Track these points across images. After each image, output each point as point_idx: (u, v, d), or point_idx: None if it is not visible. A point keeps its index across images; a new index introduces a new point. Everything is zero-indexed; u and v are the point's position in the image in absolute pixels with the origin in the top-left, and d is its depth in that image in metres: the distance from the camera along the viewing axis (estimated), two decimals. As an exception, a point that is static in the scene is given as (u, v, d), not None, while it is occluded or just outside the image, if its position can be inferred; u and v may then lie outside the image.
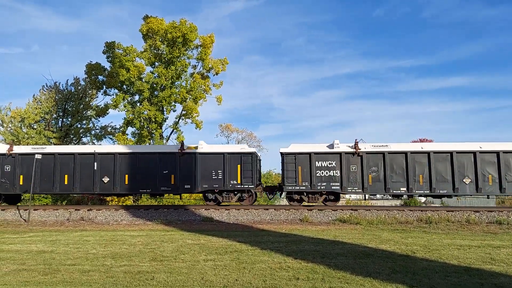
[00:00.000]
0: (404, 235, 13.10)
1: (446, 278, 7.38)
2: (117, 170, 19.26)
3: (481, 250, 10.24)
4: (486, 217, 16.66)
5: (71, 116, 32.08)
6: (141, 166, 19.28)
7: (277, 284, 7.03)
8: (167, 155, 19.34)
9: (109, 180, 19.24)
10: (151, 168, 19.23)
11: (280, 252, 9.91)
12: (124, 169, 19.32)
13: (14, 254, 10.05)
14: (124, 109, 31.47)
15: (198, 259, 9.19)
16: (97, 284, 7.19)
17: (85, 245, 11.30)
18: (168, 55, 31.65)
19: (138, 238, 12.33)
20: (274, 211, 18.03)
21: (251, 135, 47.03)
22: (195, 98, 32.49)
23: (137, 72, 31.13)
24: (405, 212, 17.36)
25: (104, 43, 32.19)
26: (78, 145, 30.95)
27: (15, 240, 12.45)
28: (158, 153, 19.47)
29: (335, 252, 9.90)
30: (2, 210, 18.70)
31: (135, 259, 9.27)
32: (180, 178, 19.08)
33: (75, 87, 32.59)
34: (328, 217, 17.35)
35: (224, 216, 17.81)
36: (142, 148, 20.18)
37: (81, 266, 8.63)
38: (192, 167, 19.07)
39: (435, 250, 10.20)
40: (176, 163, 19.15)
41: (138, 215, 18.09)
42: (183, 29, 30.90)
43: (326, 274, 7.70)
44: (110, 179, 19.25)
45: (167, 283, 7.21)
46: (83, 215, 18.10)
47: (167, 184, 19.17)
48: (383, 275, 7.53)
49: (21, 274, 7.99)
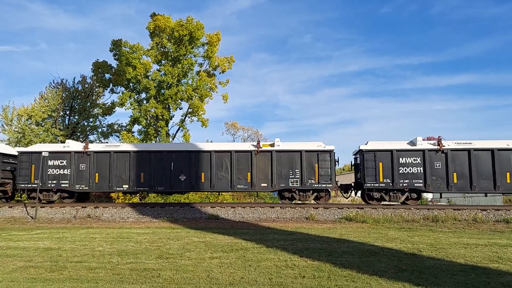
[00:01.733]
0: (410, 233, 13.03)
1: (452, 276, 7.33)
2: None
3: (488, 248, 10.14)
4: (493, 216, 16.51)
5: (78, 114, 32.30)
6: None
7: (282, 282, 7.02)
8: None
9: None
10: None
11: (286, 250, 9.90)
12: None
13: (22, 251, 10.14)
14: (131, 107, 31.62)
15: (204, 256, 9.20)
16: (104, 281, 7.23)
17: (91, 242, 11.36)
18: (174, 53, 31.71)
19: (144, 236, 12.39)
20: (280, 209, 18.02)
21: (257, 133, 47.16)
22: (201, 96, 32.54)
23: (143, 70, 31.23)
24: (411, 211, 17.26)
25: (111, 41, 32.34)
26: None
27: (22, 237, 12.57)
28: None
29: (341, 250, 9.87)
30: (9, 207, 18.89)
31: (141, 256, 9.31)
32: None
33: (82, 85, 32.80)
34: (334, 215, 17.31)
35: (230, 214, 17.83)
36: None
37: (88, 263, 8.68)
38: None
39: (442, 248, 10.13)
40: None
41: (144, 213, 18.18)
42: (189, 27, 30.93)
43: (332, 272, 7.67)
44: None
45: (173, 280, 7.23)
46: (90, 212, 18.23)
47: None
48: (389, 274, 7.49)
49: (28, 271, 8.06)
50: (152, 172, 19.28)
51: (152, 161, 19.34)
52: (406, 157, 18.23)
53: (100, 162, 19.50)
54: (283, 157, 18.82)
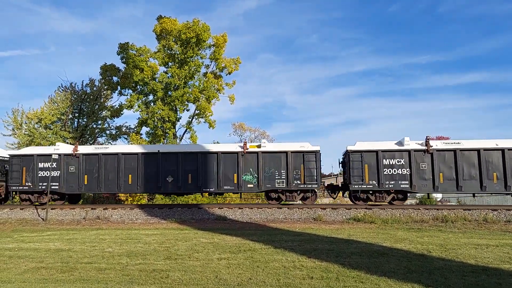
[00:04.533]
0: (419, 234, 12.93)
1: (463, 278, 7.26)
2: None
3: (499, 249, 10.03)
4: (504, 216, 16.30)
5: (87, 117, 32.63)
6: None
7: (291, 283, 7.02)
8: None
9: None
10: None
11: (294, 251, 9.89)
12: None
13: (33, 252, 10.27)
14: (138, 109, 31.85)
15: (212, 257, 9.23)
16: (113, 282, 7.29)
17: (101, 243, 11.46)
18: (181, 55, 31.88)
19: (152, 237, 12.46)
20: (287, 210, 17.99)
21: (264, 134, 47.11)
22: (208, 98, 32.65)
23: (150, 73, 31.45)
24: (420, 211, 17.11)
25: (118, 44, 32.64)
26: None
27: (33, 239, 12.73)
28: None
29: (349, 251, 9.83)
30: (21, 209, 19.13)
31: (150, 257, 9.37)
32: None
33: (91, 88, 33.14)
34: (342, 216, 17.23)
35: (238, 215, 17.85)
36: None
37: (98, 264, 8.76)
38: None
39: (452, 249, 10.03)
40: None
41: (153, 214, 18.28)
42: (196, 29, 31.07)
43: (340, 273, 7.65)
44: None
45: (182, 281, 7.27)
46: (99, 214, 18.38)
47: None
48: (398, 275, 7.45)
49: (40, 272, 8.17)
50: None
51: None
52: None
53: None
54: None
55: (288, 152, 18.69)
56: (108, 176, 19.54)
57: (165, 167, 19.40)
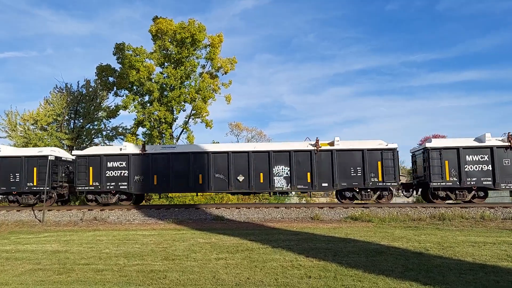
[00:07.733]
0: (417, 232, 12.96)
1: (461, 275, 7.28)
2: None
3: (496, 247, 10.07)
4: (501, 213, 16.38)
5: (83, 118, 32.48)
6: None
7: (289, 283, 7.01)
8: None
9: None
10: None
11: (292, 250, 9.89)
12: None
13: (30, 254, 10.22)
14: (135, 110, 31.73)
15: (210, 257, 9.21)
16: (111, 283, 7.26)
17: (98, 244, 11.42)
18: (177, 56, 31.79)
19: (150, 238, 12.43)
20: (284, 209, 18.00)
21: (261, 134, 47.17)
22: (204, 98, 32.56)
23: (146, 73, 31.34)
24: (417, 209, 17.17)
25: (114, 44, 32.50)
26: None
27: (30, 240, 12.66)
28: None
29: (347, 250, 9.84)
30: (17, 211, 19.02)
31: (147, 258, 9.34)
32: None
33: (86, 88, 32.99)
34: (339, 214, 17.26)
35: (235, 215, 17.84)
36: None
37: (95, 265, 8.73)
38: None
39: (449, 247, 10.06)
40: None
41: (150, 215, 18.23)
42: (191, 29, 31.00)
43: (338, 272, 7.65)
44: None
45: (179, 282, 7.25)
46: (96, 215, 18.31)
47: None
48: (396, 273, 7.46)
49: (37, 274, 8.12)
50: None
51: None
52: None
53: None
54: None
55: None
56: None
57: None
